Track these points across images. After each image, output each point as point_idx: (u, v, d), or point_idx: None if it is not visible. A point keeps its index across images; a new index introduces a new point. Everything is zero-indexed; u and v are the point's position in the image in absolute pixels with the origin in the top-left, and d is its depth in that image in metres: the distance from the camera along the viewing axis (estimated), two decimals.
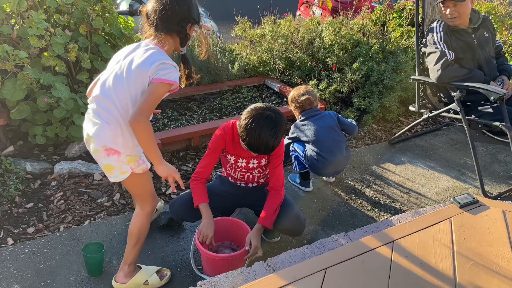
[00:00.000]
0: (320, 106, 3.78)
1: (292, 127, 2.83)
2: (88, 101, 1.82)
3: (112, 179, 1.83)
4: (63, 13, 3.10)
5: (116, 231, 2.39)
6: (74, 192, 2.70)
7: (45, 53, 2.91)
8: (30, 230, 2.37)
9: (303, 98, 2.74)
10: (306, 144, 2.71)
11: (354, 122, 2.87)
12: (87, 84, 3.33)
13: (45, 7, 3.07)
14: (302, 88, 2.80)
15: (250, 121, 1.87)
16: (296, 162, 2.82)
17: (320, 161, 2.60)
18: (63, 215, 2.51)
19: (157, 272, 2.05)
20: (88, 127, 1.76)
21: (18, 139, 3.10)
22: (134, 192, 1.96)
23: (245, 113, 1.94)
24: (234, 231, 2.16)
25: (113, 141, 1.71)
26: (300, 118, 2.78)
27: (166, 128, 3.41)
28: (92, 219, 2.49)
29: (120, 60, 1.76)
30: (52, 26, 3.04)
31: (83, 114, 3.04)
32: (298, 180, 2.91)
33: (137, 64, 1.68)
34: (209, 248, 2.03)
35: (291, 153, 2.84)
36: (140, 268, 2.03)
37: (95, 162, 2.98)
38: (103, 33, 3.28)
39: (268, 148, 1.91)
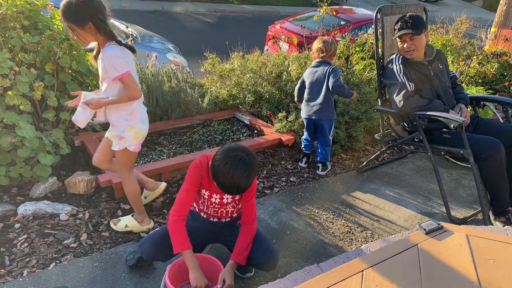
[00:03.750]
0: (289, 137, 3.86)
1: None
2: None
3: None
4: (29, 51, 3.08)
5: (84, 273, 2.30)
6: (39, 234, 2.60)
7: (9, 92, 2.87)
8: None
9: (315, 46, 3.46)
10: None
11: (339, 86, 3.32)
12: (53, 122, 3.28)
13: (10, 45, 3.05)
14: (323, 38, 3.46)
15: (223, 163, 1.86)
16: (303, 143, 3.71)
17: (303, 102, 3.54)
18: (27, 259, 2.40)
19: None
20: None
21: None
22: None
23: (218, 154, 1.92)
24: (206, 268, 2.12)
25: None
26: (312, 63, 3.51)
27: (136, 164, 3.37)
28: (58, 261, 2.40)
29: None
30: (17, 65, 3.01)
31: (48, 152, 2.98)
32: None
33: None
34: None
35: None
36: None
37: (61, 202, 2.91)
38: (70, 71, 3.26)
39: (240, 189, 1.91)
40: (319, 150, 3.59)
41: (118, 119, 2.37)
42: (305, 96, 3.49)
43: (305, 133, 3.66)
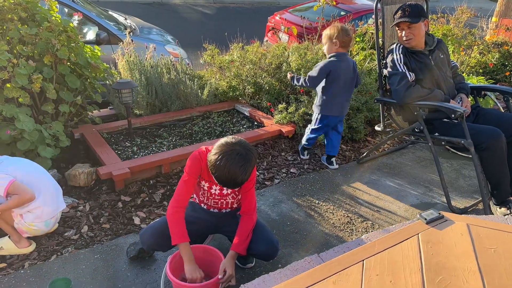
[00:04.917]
0: (289, 128, 3.85)
1: (322, 63, 3.18)
2: None
3: None
4: (27, 43, 3.06)
5: (85, 265, 2.31)
6: None
7: (8, 85, 2.86)
8: None
9: (347, 37, 3.12)
10: (324, 84, 3.23)
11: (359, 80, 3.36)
12: (52, 114, 3.27)
13: (7, 38, 3.03)
14: (347, 27, 3.14)
15: (220, 157, 1.86)
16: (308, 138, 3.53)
17: (329, 100, 3.25)
18: None
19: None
20: None
21: None
22: None
23: (215, 148, 1.91)
24: (207, 258, 2.13)
25: None
26: (331, 55, 3.18)
27: (135, 156, 3.37)
28: (59, 253, 2.40)
29: None
30: (15, 57, 3.00)
31: (48, 145, 2.98)
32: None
33: None
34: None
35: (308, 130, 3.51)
36: None
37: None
38: (68, 63, 3.25)
39: (237, 184, 1.90)
40: (335, 144, 3.48)
41: (16, 223, 2.39)
42: (334, 93, 3.21)
43: (318, 132, 3.44)
